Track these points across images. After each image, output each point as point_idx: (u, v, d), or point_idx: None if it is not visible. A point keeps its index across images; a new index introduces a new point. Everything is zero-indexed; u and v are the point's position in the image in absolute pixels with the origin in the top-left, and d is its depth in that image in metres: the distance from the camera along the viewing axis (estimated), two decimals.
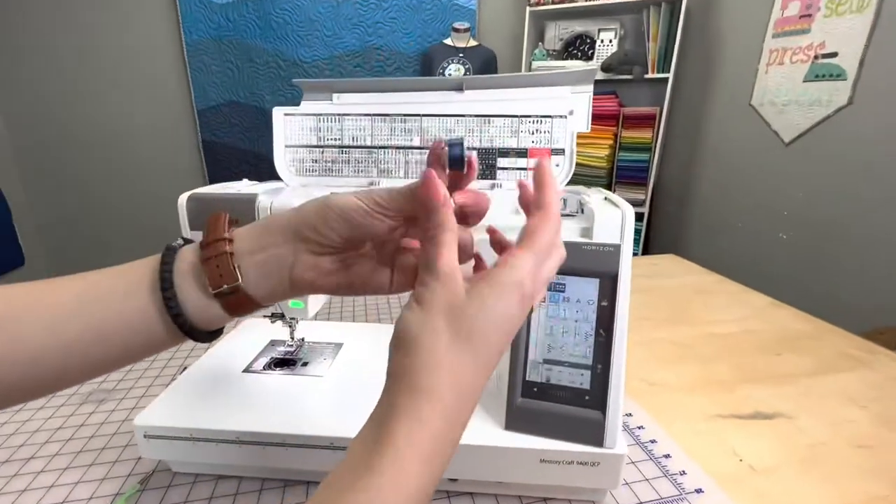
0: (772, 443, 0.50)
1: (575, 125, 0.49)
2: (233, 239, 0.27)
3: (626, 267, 0.37)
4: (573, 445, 0.38)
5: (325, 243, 0.26)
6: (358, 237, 0.27)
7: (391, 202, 0.26)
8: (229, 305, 0.26)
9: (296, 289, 0.27)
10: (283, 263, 0.27)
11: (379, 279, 0.29)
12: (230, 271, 0.26)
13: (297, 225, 0.26)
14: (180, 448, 0.41)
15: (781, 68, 1.62)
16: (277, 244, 0.27)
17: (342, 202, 0.26)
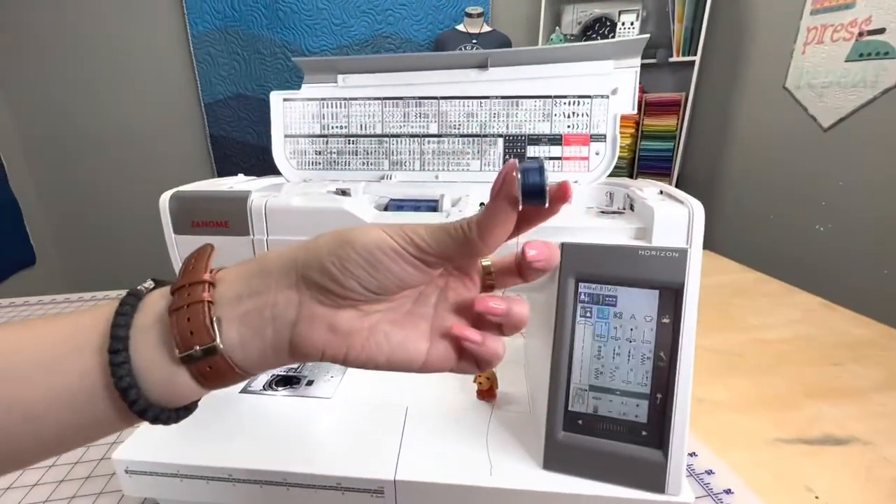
0: (850, 475, 0.43)
1: (619, 106, 0.42)
2: (215, 283, 0.20)
3: (695, 277, 0.30)
4: (626, 490, 0.32)
5: (341, 294, 0.19)
6: (389, 288, 0.20)
7: (436, 244, 0.19)
8: (202, 375, 0.19)
9: (298, 353, 0.20)
10: (282, 317, 0.20)
11: (412, 346, 0.21)
12: (204, 327, 0.19)
13: (305, 266, 0.20)
14: (166, 485, 0.36)
15: (821, 47, 1.51)
16: (275, 290, 0.20)
17: (367, 239, 0.19)
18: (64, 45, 1.90)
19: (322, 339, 0.20)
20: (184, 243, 0.36)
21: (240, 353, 0.20)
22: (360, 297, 0.20)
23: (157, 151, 2.08)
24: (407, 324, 0.22)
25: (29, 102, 1.94)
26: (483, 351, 0.21)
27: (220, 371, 0.19)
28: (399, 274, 0.20)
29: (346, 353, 0.20)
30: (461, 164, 0.44)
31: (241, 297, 0.20)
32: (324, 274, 0.19)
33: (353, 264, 0.19)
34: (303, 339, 0.20)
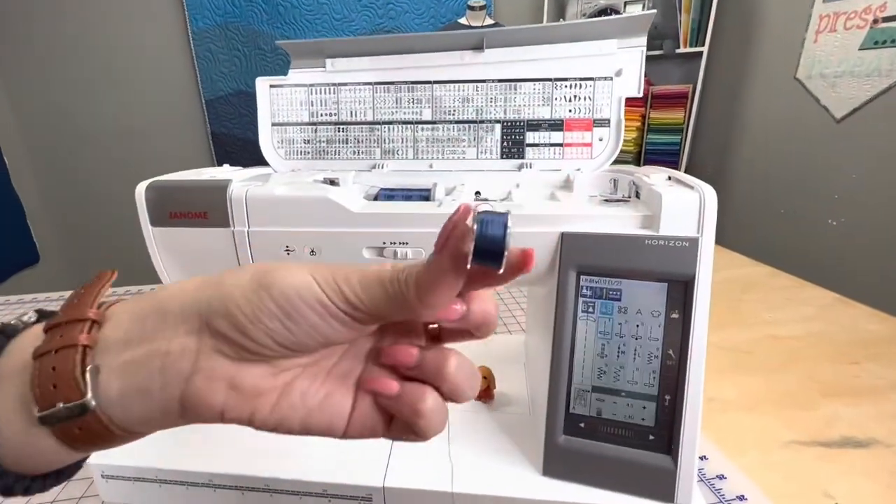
0: (872, 480, 0.40)
1: (624, 89, 0.39)
2: (101, 321, 0.17)
3: (707, 268, 0.28)
4: (633, 499, 0.29)
5: (249, 347, 0.16)
6: (304, 344, 0.16)
7: (368, 299, 0.16)
8: (71, 438, 0.16)
9: (190, 414, 0.16)
10: (174, 370, 0.16)
11: (333, 408, 0.17)
12: (72, 378, 0.15)
13: (211, 311, 0.16)
14: (145, 491, 0.34)
15: (833, 36, 1.46)
16: (170, 335, 0.16)
17: (288, 285, 0.16)
18: (65, 43, 1.90)
19: (221, 400, 0.16)
20: (161, 236, 0.35)
21: (119, 412, 0.16)
22: (272, 353, 0.16)
23: (159, 149, 2.07)
24: (330, 380, 0.18)
25: (31, 101, 1.94)
26: (400, 408, 0.17)
27: (93, 433, 0.16)
28: (322, 330, 0.16)
29: (252, 416, 0.16)
30: (456, 151, 0.42)
31: (130, 341, 0.16)
32: (231, 324, 0.16)
33: (268, 315, 0.15)
34: (197, 397, 0.16)
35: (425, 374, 0.17)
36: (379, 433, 0.18)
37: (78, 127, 2.00)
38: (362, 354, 0.19)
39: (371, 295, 0.16)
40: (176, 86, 2.01)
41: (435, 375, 0.17)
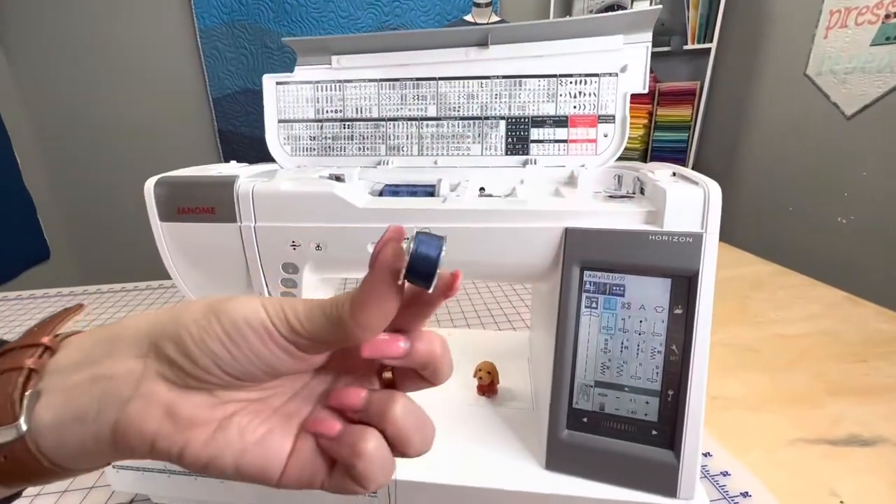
0: (878, 478, 0.40)
1: (629, 85, 0.39)
2: (54, 348, 0.17)
3: (710, 264, 0.28)
4: (636, 494, 0.30)
5: (193, 373, 0.16)
6: (252, 373, 0.16)
7: (308, 323, 0.16)
8: None
9: (121, 443, 0.16)
10: (113, 394, 0.16)
11: (272, 448, 0.17)
12: (8, 401, 0.15)
13: (161, 334, 0.16)
14: (154, 482, 0.35)
15: (844, 31, 1.44)
16: (116, 359, 0.16)
17: (240, 311, 0.16)
18: (75, 42, 1.92)
19: (154, 427, 0.15)
20: (170, 231, 0.35)
21: (52, 441, 0.15)
22: (216, 381, 0.16)
23: (167, 146, 2.09)
24: (273, 420, 0.17)
25: (41, 100, 1.96)
26: (340, 449, 0.16)
27: (20, 463, 0.15)
28: (266, 357, 0.16)
29: (183, 449, 0.16)
30: (461, 148, 0.42)
31: (79, 365, 0.16)
32: (177, 346, 0.16)
33: (213, 339, 0.15)
34: (130, 423, 0.15)
35: (370, 417, 0.17)
36: (317, 482, 0.17)
37: (87, 125, 2.02)
38: (313, 398, 0.19)
39: (311, 319, 0.16)
40: (184, 84, 2.02)
41: (379, 417, 0.17)
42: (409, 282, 0.15)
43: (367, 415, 0.17)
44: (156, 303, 0.79)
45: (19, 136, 1.89)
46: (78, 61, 1.94)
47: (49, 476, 0.16)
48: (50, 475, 0.16)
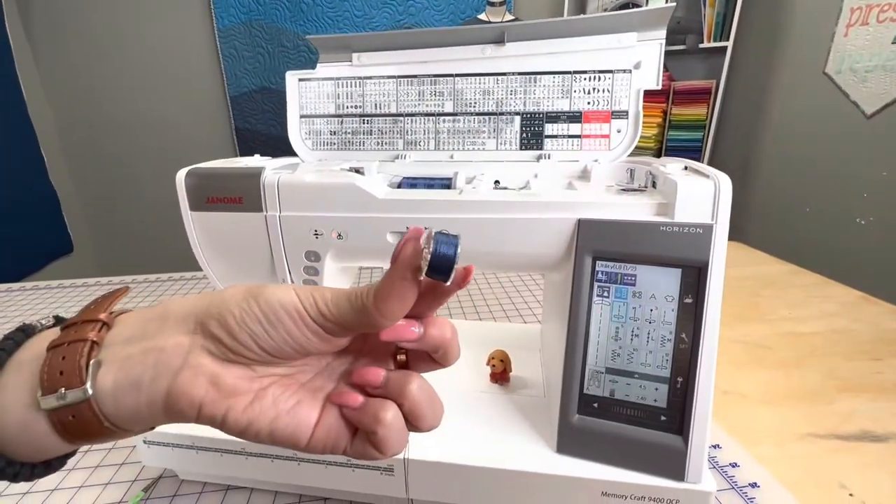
0: (888, 473, 0.40)
1: (642, 81, 0.40)
2: (111, 323, 0.19)
3: (720, 254, 0.29)
4: (644, 477, 0.31)
5: (234, 349, 0.18)
6: (285, 351, 0.18)
7: (336, 309, 0.18)
8: (63, 425, 0.17)
9: (172, 409, 0.18)
10: (166, 365, 0.18)
11: (301, 416, 0.19)
12: (77, 367, 0.17)
13: (207, 314, 0.18)
14: (183, 457, 0.37)
15: (865, 29, 1.42)
16: (168, 335, 0.18)
17: (276, 296, 0.18)
18: (97, 42, 1.97)
19: (201, 394, 0.18)
20: (199, 220, 0.37)
21: (111, 404, 0.17)
22: (254, 356, 0.18)
23: (186, 144, 2.13)
24: (301, 392, 0.20)
25: (65, 98, 2.02)
26: (363, 418, 0.18)
27: (85, 423, 0.17)
28: (298, 338, 0.18)
29: (226, 415, 0.18)
30: (476, 143, 0.43)
31: (132, 339, 0.18)
32: (221, 324, 0.18)
33: (252, 319, 0.18)
34: (181, 390, 0.17)
35: (389, 393, 0.19)
36: (341, 447, 0.19)
37: (109, 122, 2.08)
38: (335, 375, 0.21)
39: (338, 306, 0.18)
40: (202, 82, 2.06)
41: (397, 393, 0.19)
42: (430, 277, 0.17)
43: (386, 391, 0.19)
44: (176, 294, 0.81)
45: (45, 133, 1.95)
46: (101, 61, 1.99)
47: (107, 435, 0.18)
48: (108, 434, 0.18)
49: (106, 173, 2.15)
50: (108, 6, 1.93)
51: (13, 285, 0.87)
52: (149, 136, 2.11)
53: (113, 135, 2.10)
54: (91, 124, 2.07)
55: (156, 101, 2.07)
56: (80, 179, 2.14)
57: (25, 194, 1.83)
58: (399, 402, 0.19)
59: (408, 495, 0.34)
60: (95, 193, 2.17)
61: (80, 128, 2.07)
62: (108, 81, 2.02)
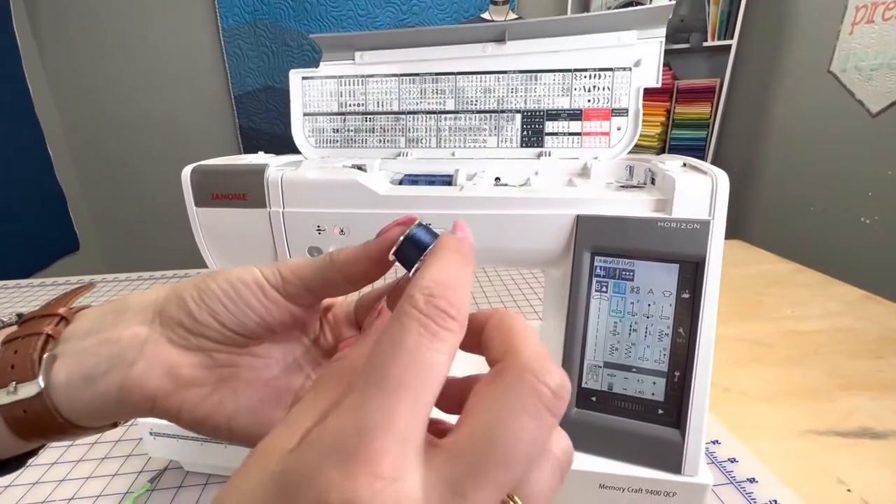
0: (888, 470, 0.41)
1: (642, 79, 0.40)
2: (69, 318, 0.18)
3: (717, 250, 0.29)
4: (642, 470, 0.31)
5: (194, 329, 0.17)
6: (248, 326, 0.18)
7: (300, 271, 0.18)
8: (14, 420, 0.16)
9: (126, 402, 0.17)
10: (120, 357, 0.17)
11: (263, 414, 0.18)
12: (29, 361, 0.16)
13: (165, 301, 0.18)
14: (189, 448, 0.37)
15: (871, 27, 1.41)
16: (123, 326, 0.18)
17: (235, 273, 0.18)
18: (103, 41, 1.99)
19: (154, 386, 0.17)
20: (204, 216, 0.37)
21: (64, 397, 0.17)
22: (216, 335, 0.18)
23: (191, 143, 2.15)
24: (266, 388, 0.19)
25: (72, 97, 2.04)
26: None
27: (37, 418, 0.16)
28: (258, 309, 0.18)
29: (181, 407, 0.17)
30: (478, 140, 0.44)
31: (89, 332, 0.18)
32: (180, 307, 0.18)
33: (211, 296, 0.18)
34: (133, 383, 0.17)
35: None
36: None
37: (115, 121, 2.10)
38: (302, 377, 0.20)
39: (301, 266, 0.18)
40: (207, 81, 2.08)
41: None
42: (396, 259, 0.17)
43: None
44: None
45: (52, 131, 1.97)
46: (107, 60, 2.01)
47: (63, 432, 0.18)
48: (64, 431, 0.18)
49: (111, 172, 2.17)
50: (113, 6, 1.95)
51: (21, 281, 0.89)
52: (154, 134, 2.13)
53: (118, 134, 2.12)
54: (97, 123, 2.09)
55: (161, 100, 2.09)
56: (86, 178, 2.16)
57: (33, 193, 1.85)
58: None
59: None
60: (101, 192, 2.19)
61: (86, 127, 2.09)
62: (114, 81, 2.04)
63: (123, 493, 0.39)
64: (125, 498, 0.38)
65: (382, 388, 0.11)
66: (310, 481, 0.10)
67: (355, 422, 0.11)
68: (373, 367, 0.12)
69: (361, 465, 0.10)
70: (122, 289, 0.84)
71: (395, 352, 0.12)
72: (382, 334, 0.12)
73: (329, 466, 0.10)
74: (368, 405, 0.11)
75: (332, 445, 0.11)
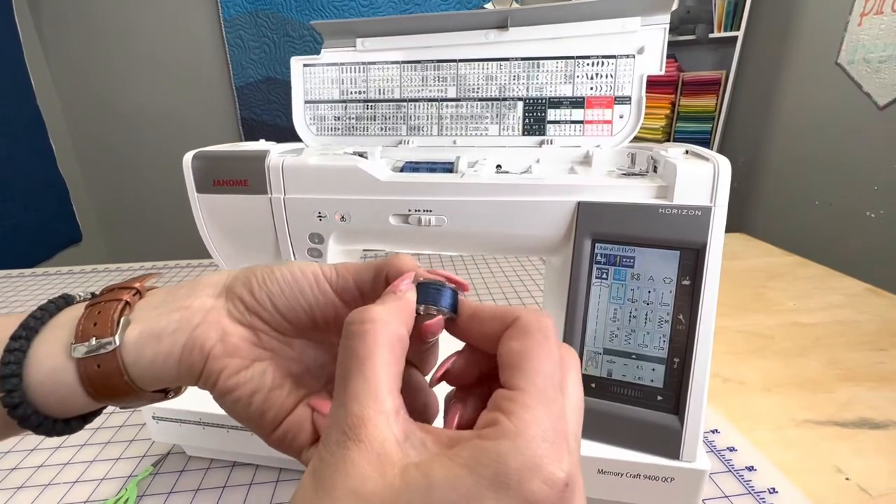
0: (885, 459, 0.41)
1: (645, 66, 0.40)
2: (143, 293, 0.21)
3: (718, 237, 0.29)
4: (640, 455, 0.31)
5: (251, 306, 0.20)
6: (293, 309, 0.20)
7: (355, 271, 0.20)
8: (89, 376, 0.18)
9: (184, 362, 0.19)
10: (187, 320, 0.19)
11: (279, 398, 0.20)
12: (109, 320, 0.18)
13: (234, 278, 0.21)
14: (191, 433, 0.38)
15: (880, 18, 1.39)
16: (194, 297, 0.20)
17: (299, 265, 0.20)
18: (105, 32, 1.98)
19: (210, 346, 0.19)
20: (206, 202, 0.38)
21: (133, 355, 0.19)
22: (265, 316, 0.20)
23: (192, 134, 2.15)
24: (287, 380, 0.21)
25: (74, 88, 2.04)
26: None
27: (107, 374, 0.18)
28: (309, 298, 0.20)
29: (221, 372, 0.19)
30: (479, 128, 0.43)
31: (163, 303, 0.20)
32: (244, 285, 0.20)
33: (273, 280, 0.20)
34: (195, 341, 0.19)
35: None
36: (296, 447, 0.20)
37: (117, 113, 2.10)
38: (322, 380, 0.22)
39: (359, 272, 0.20)
40: (209, 72, 2.07)
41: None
42: (422, 308, 0.18)
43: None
44: (182, 281, 0.83)
45: (54, 123, 1.97)
46: (108, 51, 2.00)
47: (125, 393, 0.19)
48: (126, 392, 0.19)
49: (113, 163, 2.17)
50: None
51: (25, 271, 0.89)
52: (155, 125, 2.13)
53: (120, 125, 2.11)
54: (98, 115, 2.09)
55: (163, 91, 2.08)
56: (87, 169, 2.16)
57: (35, 184, 1.85)
58: None
59: None
60: (103, 183, 2.20)
61: (88, 118, 2.09)
62: (116, 72, 2.03)
63: (127, 476, 0.40)
64: (128, 481, 0.39)
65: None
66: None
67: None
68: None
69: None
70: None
71: None
72: None
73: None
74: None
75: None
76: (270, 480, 0.39)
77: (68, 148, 2.07)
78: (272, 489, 0.38)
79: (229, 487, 0.38)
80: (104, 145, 2.14)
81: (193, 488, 0.38)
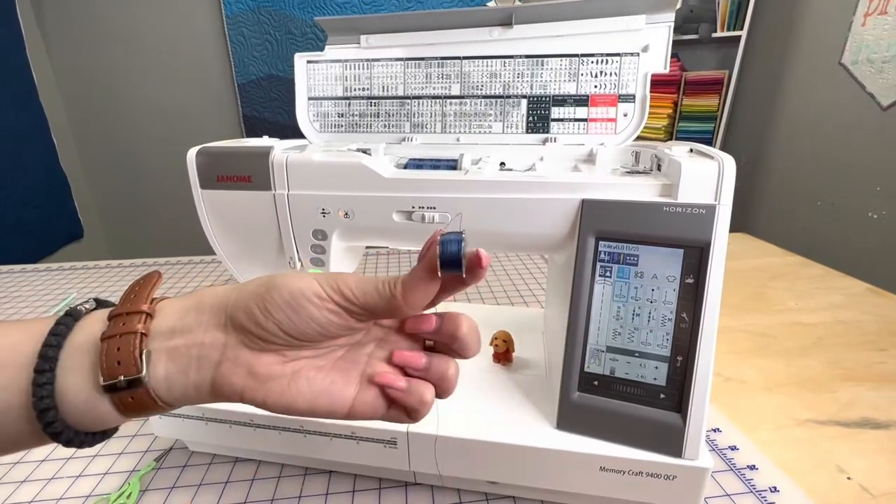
0: (888, 459, 0.41)
1: (650, 65, 0.40)
2: (153, 314, 0.21)
3: (723, 235, 0.29)
4: (642, 453, 0.31)
5: (263, 336, 0.20)
6: (308, 334, 0.20)
7: (362, 295, 0.20)
8: (124, 404, 0.19)
9: (218, 393, 0.20)
10: (207, 358, 0.20)
11: (337, 393, 0.21)
12: (132, 358, 0.19)
13: (234, 307, 0.20)
14: (194, 428, 0.38)
15: (884, 18, 1.39)
16: (205, 329, 0.20)
17: (294, 285, 0.20)
18: (107, 29, 1.98)
19: (241, 383, 0.20)
20: (209, 198, 0.38)
21: (164, 388, 0.20)
22: (281, 342, 0.20)
23: (194, 131, 2.15)
24: (335, 371, 0.22)
25: (76, 85, 2.04)
26: (409, 399, 0.21)
27: (142, 403, 0.19)
28: (320, 320, 0.20)
29: (265, 398, 0.20)
30: (483, 126, 0.43)
31: (174, 331, 0.20)
32: (248, 316, 0.20)
33: (275, 307, 0.20)
34: (223, 380, 0.20)
35: (429, 376, 0.22)
36: (377, 415, 0.21)
37: (119, 109, 2.10)
38: (366, 353, 0.23)
39: (364, 291, 0.20)
40: (211, 69, 2.07)
41: (439, 377, 0.21)
42: (445, 272, 0.20)
43: (427, 374, 0.22)
44: (183, 278, 0.83)
45: (56, 119, 1.97)
46: (110, 48, 2.00)
47: (162, 410, 0.21)
48: (162, 409, 0.21)
49: (115, 160, 2.17)
50: None
51: (27, 266, 0.89)
52: (157, 122, 2.13)
53: (122, 121, 2.11)
54: (100, 111, 2.09)
55: (165, 88, 2.08)
56: (89, 166, 2.16)
57: (37, 180, 1.85)
58: (436, 383, 0.21)
59: (410, 468, 0.35)
60: (105, 179, 2.20)
61: (90, 115, 2.09)
62: (118, 69, 2.03)
63: (130, 471, 0.40)
64: (131, 476, 0.39)
65: None
66: None
67: None
68: None
69: None
70: (126, 275, 0.85)
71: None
72: None
73: None
74: None
75: None
76: (272, 476, 0.39)
77: (70, 144, 2.07)
78: (274, 484, 0.38)
79: (232, 483, 0.38)
80: (106, 142, 2.14)
81: (196, 483, 0.38)
